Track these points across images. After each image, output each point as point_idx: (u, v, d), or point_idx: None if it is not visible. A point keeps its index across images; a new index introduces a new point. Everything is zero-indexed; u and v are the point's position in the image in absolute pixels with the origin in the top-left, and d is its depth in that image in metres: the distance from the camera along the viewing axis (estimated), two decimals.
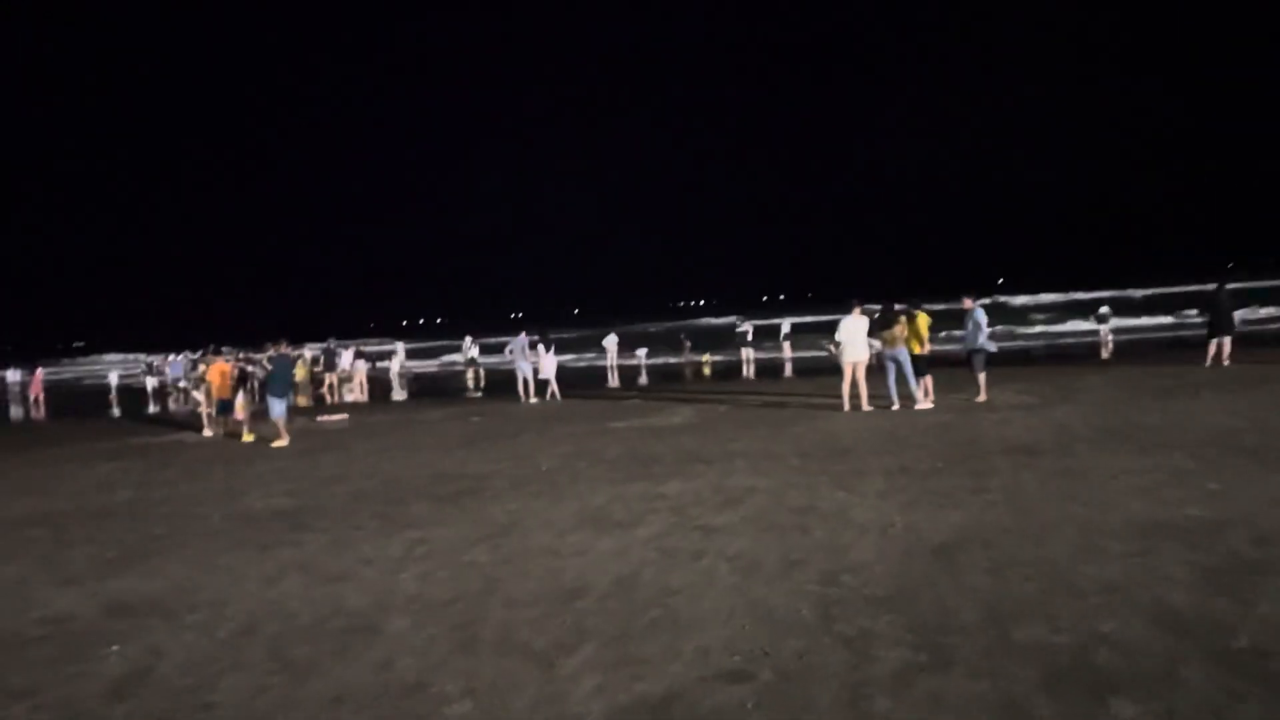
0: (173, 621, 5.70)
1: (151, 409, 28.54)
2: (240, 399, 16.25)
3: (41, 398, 35.56)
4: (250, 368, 18.40)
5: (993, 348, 14.94)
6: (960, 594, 5.11)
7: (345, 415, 20.29)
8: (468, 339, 36.31)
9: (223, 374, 16.71)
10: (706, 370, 30.66)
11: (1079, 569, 5.40)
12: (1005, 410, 13.24)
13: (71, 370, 71.36)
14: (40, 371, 39.76)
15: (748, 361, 30.17)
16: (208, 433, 17.46)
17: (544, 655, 4.63)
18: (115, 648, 5.24)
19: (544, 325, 24.47)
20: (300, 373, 32.40)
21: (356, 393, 28.63)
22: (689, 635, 4.77)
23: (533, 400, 20.90)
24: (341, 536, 7.86)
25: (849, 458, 10.03)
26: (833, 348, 15.29)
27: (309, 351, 38.45)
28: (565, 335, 54.23)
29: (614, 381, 28.53)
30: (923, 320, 14.98)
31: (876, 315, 15.18)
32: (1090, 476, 8.10)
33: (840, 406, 14.69)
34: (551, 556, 6.64)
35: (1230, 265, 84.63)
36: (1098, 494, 7.38)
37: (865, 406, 14.50)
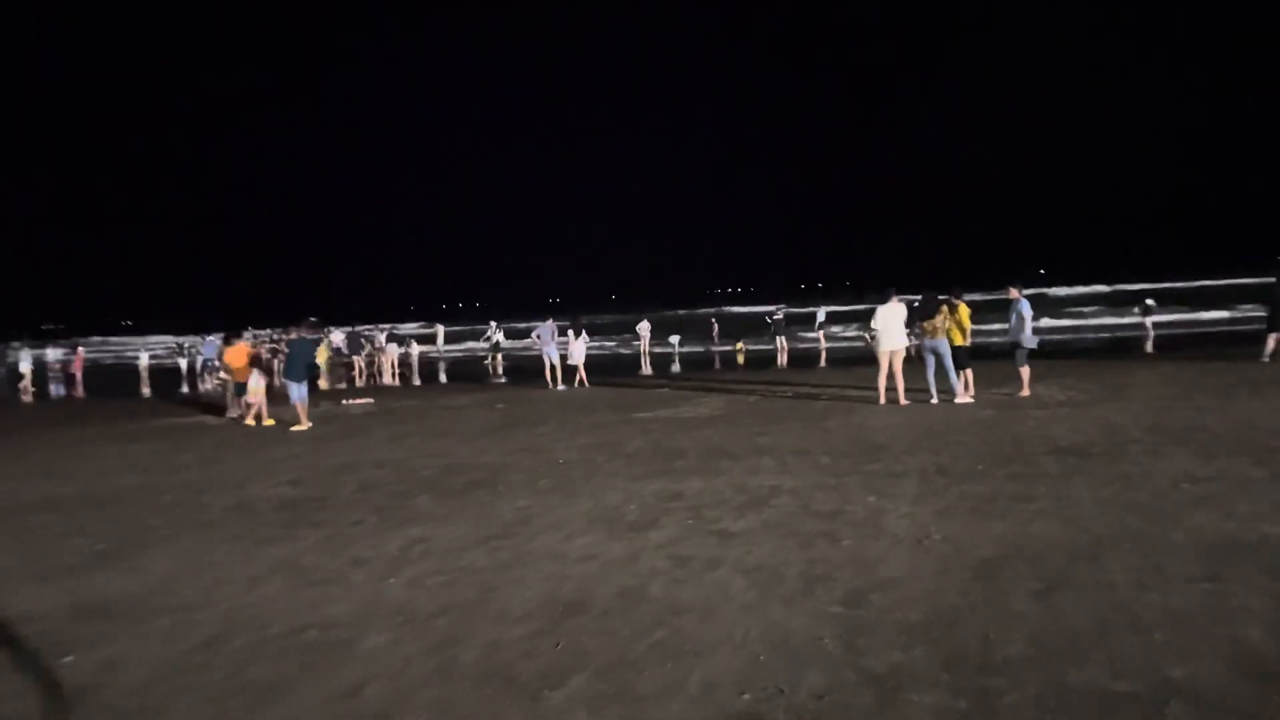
0: (140, 627, 5.26)
1: (184, 390, 28.49)
2: (254, 382, 15.88)
3: (79, 377, 35.86)
4: (275, 350, 18.07)
5: (1034, 343, 14.18)
6: (1004, 622, 4.52)
7: (370, 400, 19.96)
8: (492, 324, 35.92)
9: (243, 356, 16.42)
10: (740, 359, 30.03)
11: (1141, 596, 4.78)
12: (1051, 407, 12.51)
13: (116, 349, 72.16)
14: (81, 351, 40.15)
15: (781, 350, 29.49)
16: (232, 414, 17.19)
17: (529, 685, 4.11)
18: (70, 658, 4.81)
19: (577, 310, 23.98)
20: (321, 354, 32.20)
21: (387, 376, 28.37)
22: (694, 665, 4.23)
23: (560, 387, 20.44)
24: (338, 533, 7.41)
25: (883, 456, 9.41)
26: (868, 336, 14.64)
27: (337, 334, 38.39)
28: (599, 320, 53.81)
29: (646, 369, 28.00)
30: (964, 310, 14.26)
31: (916, 304, 14.49)
32: (1147, 484, 7.42)
33: (876, 399, 14.04)
34: (555, 562, 6.13)
35: None
36: (1157, 504, 6.72)
37: (902, 400, 13.84)
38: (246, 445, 13.37)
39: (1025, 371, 14.10)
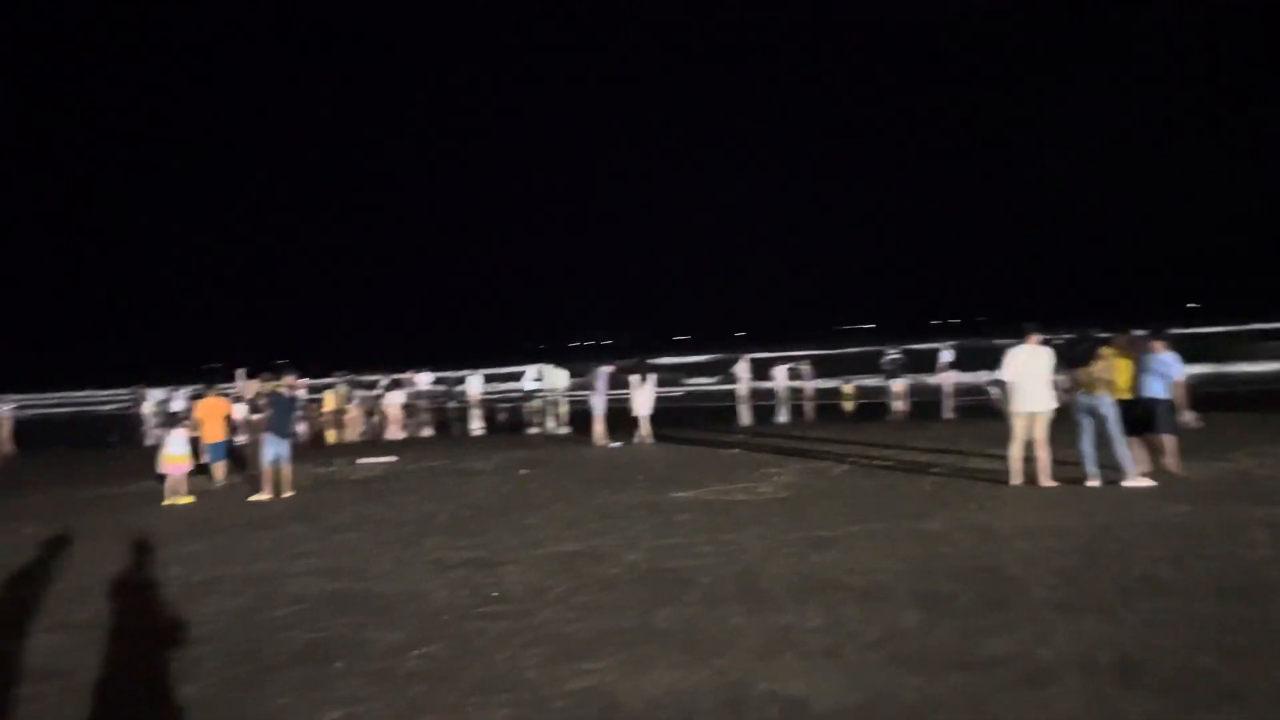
0: None
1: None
2: (177, 447, 12.83)
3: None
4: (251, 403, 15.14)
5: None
6: None
7: (394, 458, 16.90)
8: (531, 369, 32.56)
9: (216, 412, 13.63)
10: (847, 405, 25.65)
11: None
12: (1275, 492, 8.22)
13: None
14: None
15: (896, 397, 25.19)
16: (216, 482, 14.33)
17: None
18: None
19: (640, 352, 20.49)
20: (330, 401, 29.68)
21: (394, 428, 25.70)
22: None
23: (612, 444, 16.92)
24: None
25: (1010, 607, 5.49)
26: (997, 390, 10.58)
27: (424, 376, 36.12)
28: (697, 359, 49.87)
29: (746, 417, 24.01)
30: (1119, 361, 10.13)
31: (1065, 344, 10.40)
32: None
33: (1009, 479, 9.97)
34: None
35: None
36: None
37: (1045, 481, 9.74)
38: (154, 531, 10.36)
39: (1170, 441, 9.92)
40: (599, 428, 17.38)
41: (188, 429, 13.25)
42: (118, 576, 7.83)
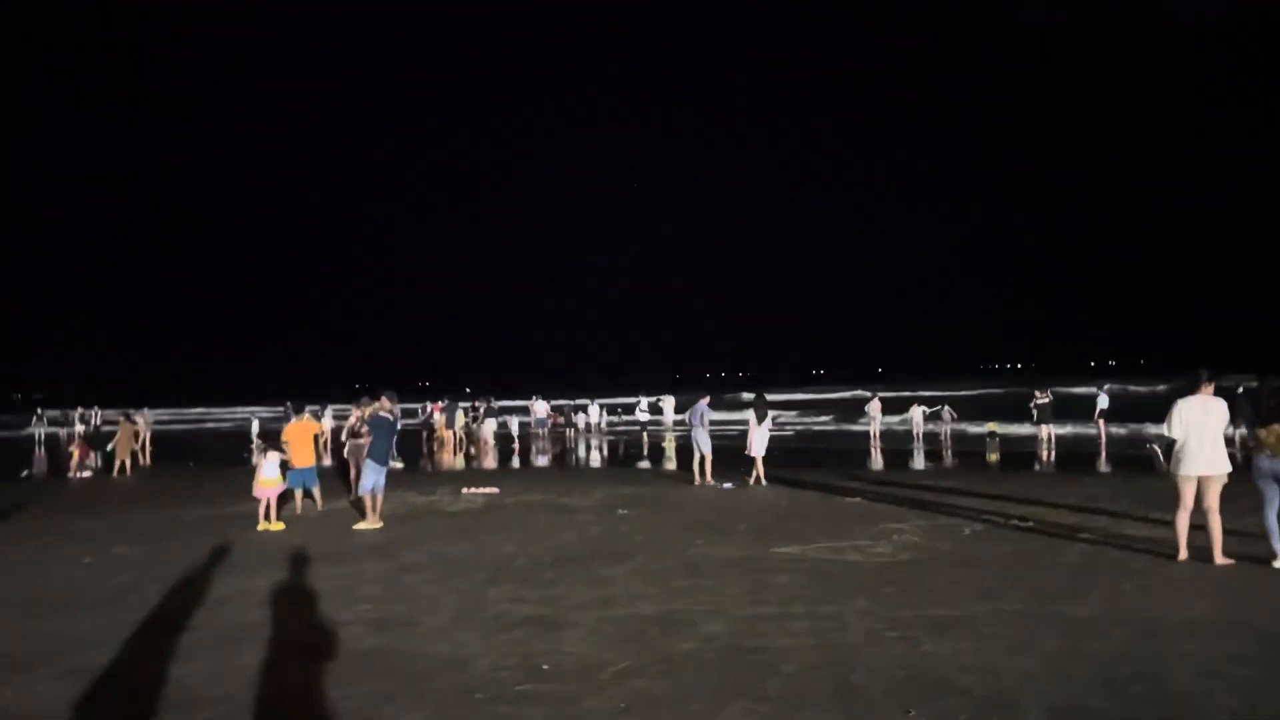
0: None
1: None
2: (268, 471, 12.50)
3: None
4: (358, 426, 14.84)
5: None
6: None
7: (496, 489, 16.37)
8: (644, 399, 31.52)
9: (304, 435, 13.36)
10: (992, 455, 23.41)
11: None
12: None
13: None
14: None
15: (1045, 442, 23.12)
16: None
17: None
18: None
19: (760, 388, 19.32)
20: (458, 423, 29.40)
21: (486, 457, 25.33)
22: None
23: (723, 485, 15.89)
24: None
25: None
26: (1159, 449, 9.07)
27: (541, 404, 35.84)
28: (827, 396, 47.97)
29: (877, 459, 22.52)
30: None
31: (1245, 393, 8.81)
32: None
33: (1174, 552, 8.46)
34: None
35: None
36: None
37: (1219, 558, 8.19)
38: (239, 557, 10.01)
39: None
40: (706, 466, 16.36)
41: (279, 452, 12.98)
42: (156, 615, 7.40)
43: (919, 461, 21.82)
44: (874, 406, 29.39)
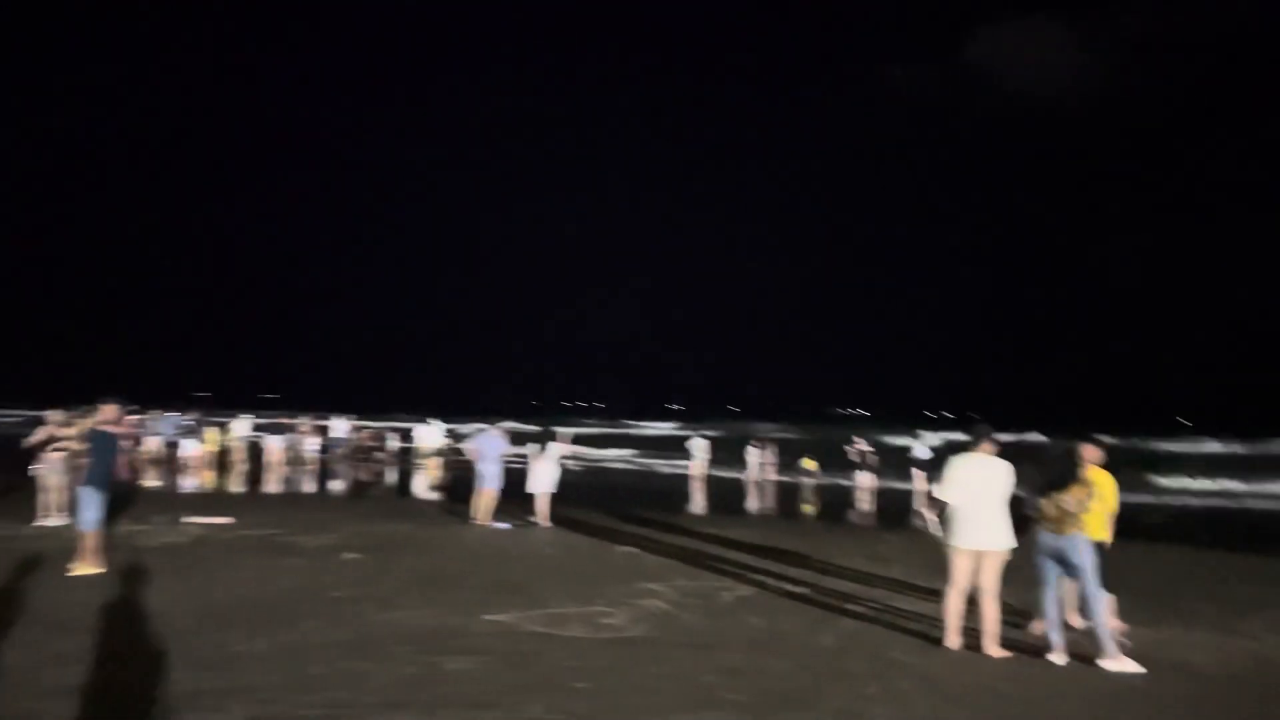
0: None
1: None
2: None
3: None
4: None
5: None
6: None
7: (230, 519, 13.95)
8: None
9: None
10: (806, 506, 21.80)
11: None
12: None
13: None
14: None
15: (863, 490, 22.37)
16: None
17: None
18: None
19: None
20: (210, 442, 26.26)
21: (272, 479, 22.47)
22: None
23: (496, 525, 14.05)
24: None
25: None
26: (931, 515, 7.79)
27: (341, 422, 32.47)
28: (661, 431, 46.25)
29: (697, 502, 21.11)
30: (1102, 478, 7.43)
31: (1026, 457, 7.71)
32: None
33: (940, 636, 7.16)
34: None
35: None
36: None
37: (992, 649, 6.94)
38: None
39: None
40: (488, 503, 14.50)
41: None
42: None
43: (730, 507, 20.43)
44: (697, 445, 28.17)
